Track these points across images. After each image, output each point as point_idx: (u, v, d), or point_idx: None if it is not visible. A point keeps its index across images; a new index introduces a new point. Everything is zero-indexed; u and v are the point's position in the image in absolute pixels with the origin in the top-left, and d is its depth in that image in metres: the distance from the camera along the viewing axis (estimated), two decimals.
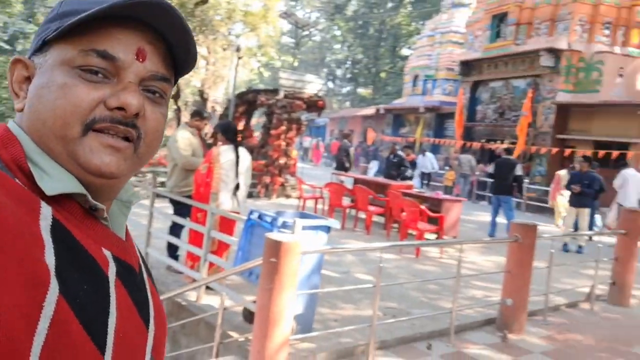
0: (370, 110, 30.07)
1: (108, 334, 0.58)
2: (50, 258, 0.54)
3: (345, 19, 46.92)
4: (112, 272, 0.62)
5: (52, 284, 0.53)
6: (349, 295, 5.35)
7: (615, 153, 14.16)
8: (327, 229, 4.29)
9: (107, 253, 0.63)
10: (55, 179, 0.60)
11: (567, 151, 15.36)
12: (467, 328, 4.88)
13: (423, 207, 7.67)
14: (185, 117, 16.50)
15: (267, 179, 11.92)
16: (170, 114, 17.87)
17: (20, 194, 0.57)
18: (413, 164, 14.54)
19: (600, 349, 4.72)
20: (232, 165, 5.00)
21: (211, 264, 4.95)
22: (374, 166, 22.57)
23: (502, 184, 10.05)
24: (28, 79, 0.66)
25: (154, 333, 0.69)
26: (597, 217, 11.51)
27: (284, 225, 4.10)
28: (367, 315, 4.85)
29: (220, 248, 5.05)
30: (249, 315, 4.24)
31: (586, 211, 9.91)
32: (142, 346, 0.66)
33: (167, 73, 0.68)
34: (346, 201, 9.82)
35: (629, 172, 11.00)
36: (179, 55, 0.69)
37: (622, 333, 5.23)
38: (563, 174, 12.19)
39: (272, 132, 12.10)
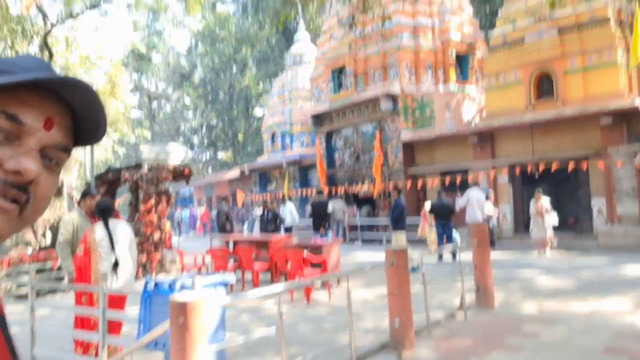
0: (235, 173, 30.41)
1: None
2: None
3: (194, 86, 47.44)
4: None
5: None
6: (253, 350, 5.49)
7: (458, 179, 16.09)
8: (225, 284, 4.50)
9: None
10: None
11: (419, 183, 17.06)
12: (367, 356, 5.29)
13: (306, 254, 8.12)
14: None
15: (142, 258, 11.53)
16: None
17: None
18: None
19: (478, 346, 5.42)
20: (106, 242, 5.00)
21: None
22: (247, 227, 22.78)
23: (318, 221, 11.21)
24: None
25: None
26: (456, 236, 12.71)
27: (183, 288, 4.22)
28: None
29: (112, 328, 4.94)
30: None
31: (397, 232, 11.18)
32: None
33: (69, 144, 0.68)
34: (230, 264, 9.91)
35: (471, 193, 12.57)
36: (86, 128, 0.70)
37: (492, 330, 6.03)
38: (427, 205, 12.99)
39: (142, 207, 11.82)
